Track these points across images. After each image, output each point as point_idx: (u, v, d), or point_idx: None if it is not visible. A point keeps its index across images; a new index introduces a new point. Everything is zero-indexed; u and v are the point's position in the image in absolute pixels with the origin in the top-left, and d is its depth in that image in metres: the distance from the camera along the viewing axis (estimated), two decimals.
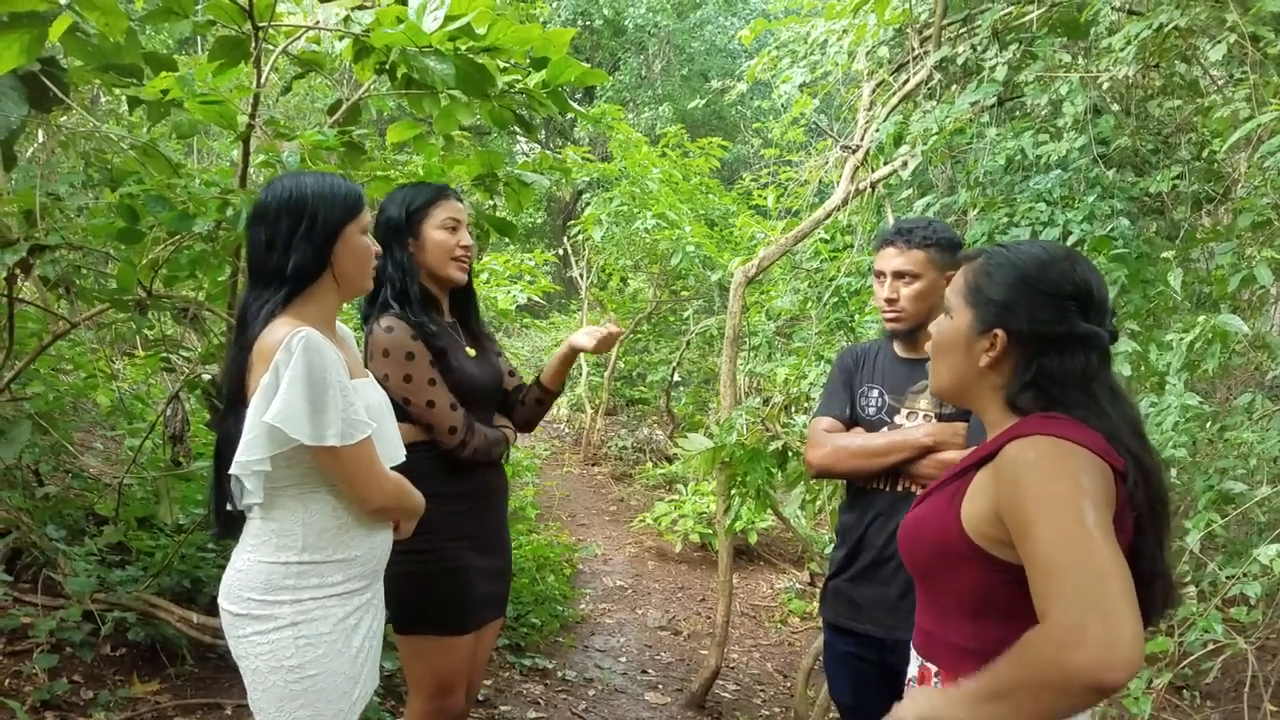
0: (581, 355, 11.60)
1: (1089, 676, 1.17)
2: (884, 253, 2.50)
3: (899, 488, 2.47)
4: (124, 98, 3.07)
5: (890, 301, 2.47)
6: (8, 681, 3.07)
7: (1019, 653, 1.27)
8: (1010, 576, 1.41)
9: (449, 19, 2.61)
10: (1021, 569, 1.36)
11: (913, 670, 1.64)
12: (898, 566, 2.37)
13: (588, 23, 17.56)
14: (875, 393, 2.56)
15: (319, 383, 1.85)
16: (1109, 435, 1.42)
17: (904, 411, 2.50)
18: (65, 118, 3.85)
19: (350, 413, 1.90)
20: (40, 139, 4.97)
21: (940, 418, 2.44)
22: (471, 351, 2.55)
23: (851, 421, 2.60)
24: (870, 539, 2.50)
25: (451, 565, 2.41)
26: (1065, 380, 1.47)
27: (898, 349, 2.58)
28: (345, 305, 2.25)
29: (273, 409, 1.83)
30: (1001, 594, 1.44)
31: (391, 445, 2.11)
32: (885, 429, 2.51)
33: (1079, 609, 1.21)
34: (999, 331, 1.51)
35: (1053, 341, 1.48)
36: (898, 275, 2.45)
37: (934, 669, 1.57)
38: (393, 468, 2.15)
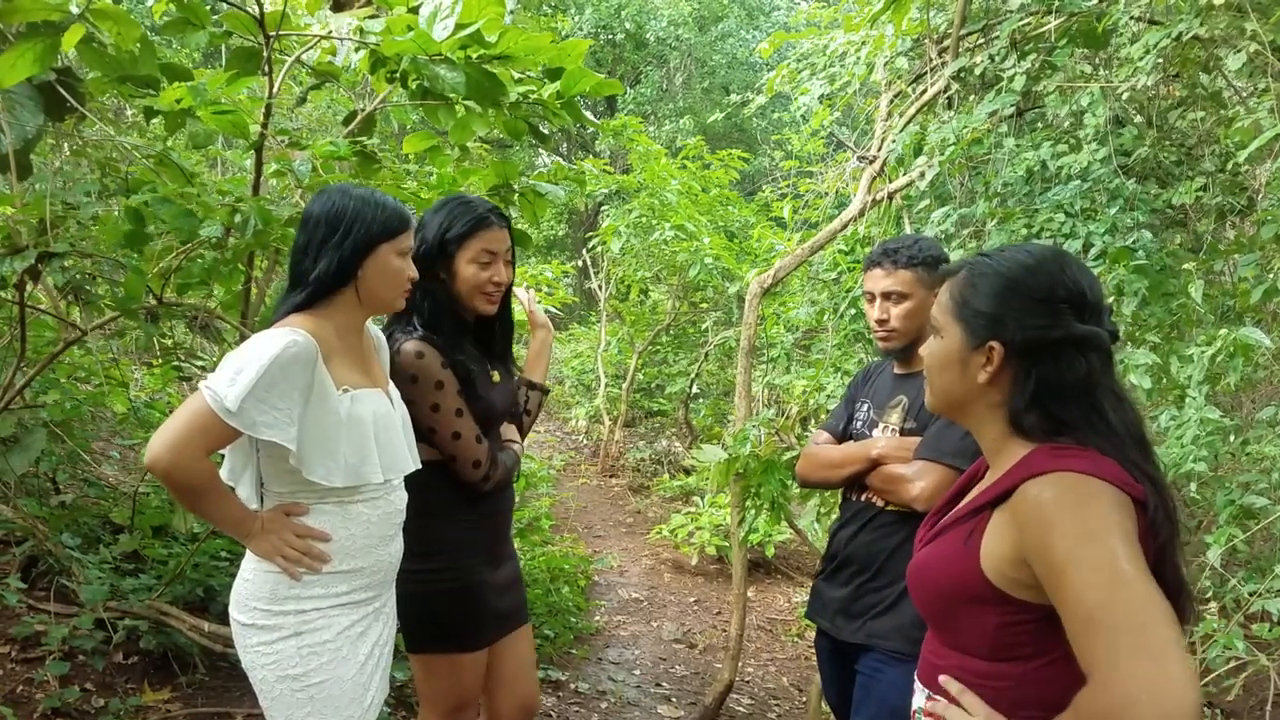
0: (600, 365, 11.48)
1: None
2: (871, 274, 2.53)
3: (861, 498, 2.54)
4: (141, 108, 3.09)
5: (881, 322, 2.50)
6: (19, 689, 3.08)
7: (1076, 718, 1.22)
8: (1034, 617, 1.37)
9: (459, 27, 2.60)
10: (1046, 608, 1.32)
11: (919, 701, 1.58)
12: (854, 573, 2.51)
13: (610, 36, 17.66)
14: (865, 408, 2.64)
15: (265, 367, 1.81)
16: (1122, 461, 1.36)
17: (880, 425, 2.54)
18: (89, 130, 3.88)
19: (263, 409, 1.81)
20: (65, 150, 5.01)
21: (902, 432, 2.48)
22: (496, 376, 2.50)
23: (845, 436, 2.65)
24: (837, 543, 2.60)
25: (465, 583, 2.38)
26: (1066, 390, 1.40)
27: (895, 366, 2.63)
28: None
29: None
30: (1025, 635, 1.39)
31: (398, 456, 2.09)
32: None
33: (1129, 667, 1.15)
34: (994, 344, 1.44)
35: (1049, 348, 1.40)
36: (886, 296, 2.48)
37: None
38: (407, 480, 2.15)
